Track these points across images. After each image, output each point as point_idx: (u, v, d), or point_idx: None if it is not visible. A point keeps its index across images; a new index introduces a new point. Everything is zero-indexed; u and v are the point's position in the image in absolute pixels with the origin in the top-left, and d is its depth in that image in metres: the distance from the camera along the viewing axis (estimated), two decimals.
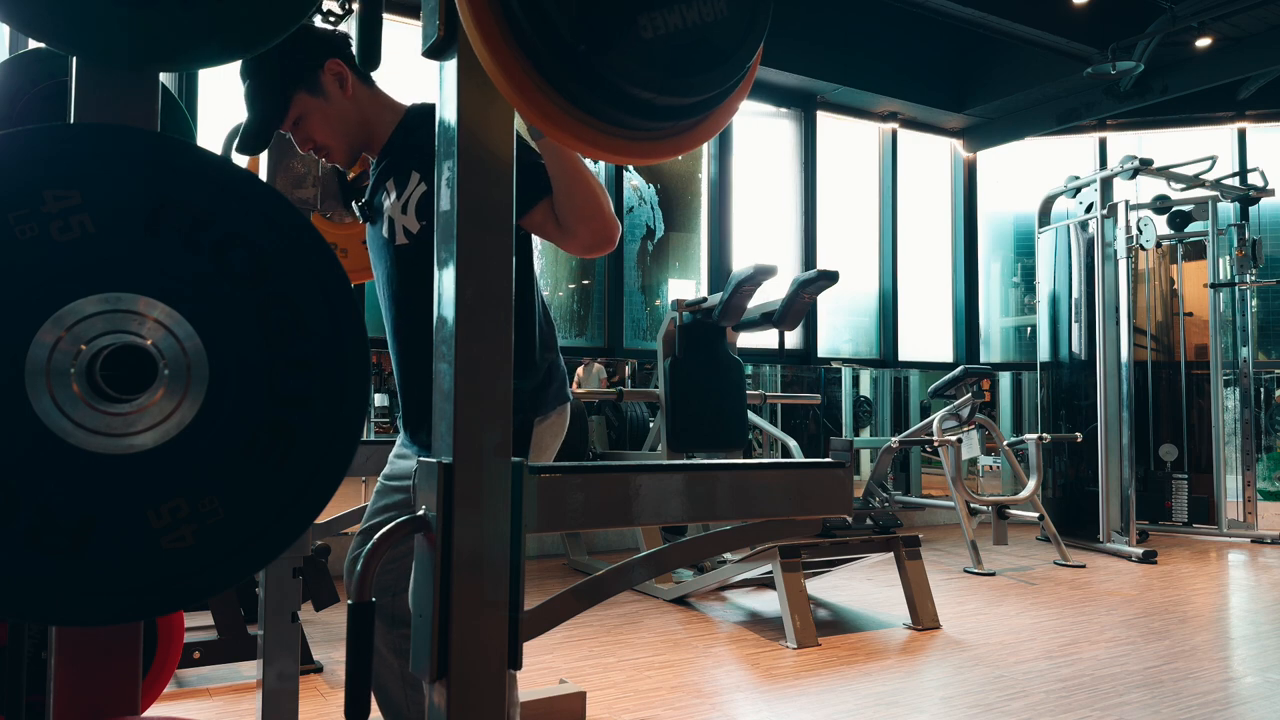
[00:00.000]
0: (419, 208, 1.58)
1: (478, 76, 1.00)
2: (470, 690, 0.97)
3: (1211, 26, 6.19)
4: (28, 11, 1.16)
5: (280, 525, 1.16)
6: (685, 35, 0.96)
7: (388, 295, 1.68)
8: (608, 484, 1.07)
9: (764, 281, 4.31)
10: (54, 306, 1.06)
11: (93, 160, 1.09)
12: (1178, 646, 3.46)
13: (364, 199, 1.72)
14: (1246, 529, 6.29)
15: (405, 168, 1.61)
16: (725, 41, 0.99)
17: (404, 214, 1.60)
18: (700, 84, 0.99)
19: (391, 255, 1.64)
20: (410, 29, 5.11)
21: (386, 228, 1.63)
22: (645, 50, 0.94)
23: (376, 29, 1.58)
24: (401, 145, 1.66)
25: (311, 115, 1.64)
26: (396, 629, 1.70)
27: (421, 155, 1.57)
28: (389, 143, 1.68)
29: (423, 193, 1.57)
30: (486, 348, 1.00)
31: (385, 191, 1.65)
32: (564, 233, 1.54)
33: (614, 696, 2.80)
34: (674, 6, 0.95)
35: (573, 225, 1.51)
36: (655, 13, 0.94)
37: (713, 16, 0.98)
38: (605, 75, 0.94)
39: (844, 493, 1.20)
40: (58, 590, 1.06)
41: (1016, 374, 7.71)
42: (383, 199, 1.65)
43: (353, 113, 1.67)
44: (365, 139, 1.70)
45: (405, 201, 1.59)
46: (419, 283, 1.59)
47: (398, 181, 1.62)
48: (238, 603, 2.88)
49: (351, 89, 1.67)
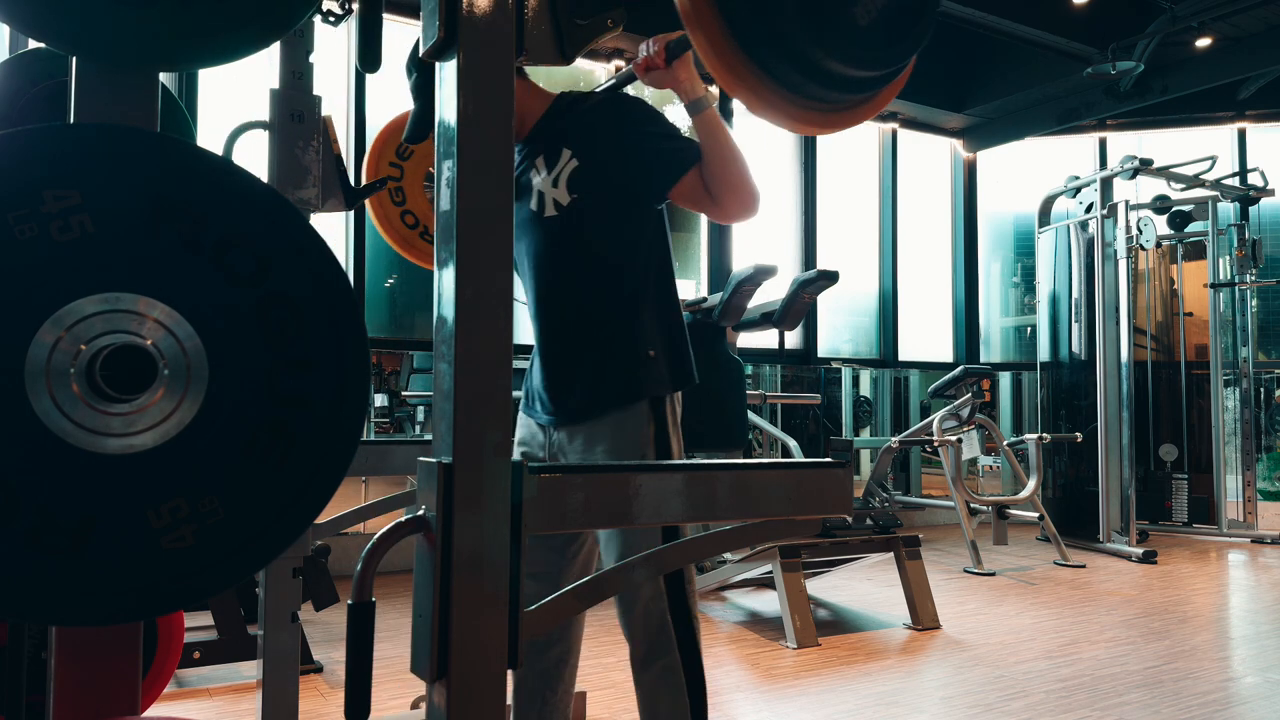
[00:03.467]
0: (570, 181, 1.69)
1: (478, 76, 1.00)
2: (470, 690, 0.97)
3: (1211, 26, 6.18)
4: (28, 11, 1.16)
5: (280, 525, 1.16)
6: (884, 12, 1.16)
7: (533, 267, 1.77)
8: (608, 484, 1.07)
9: (764, 281, 4.30)
10: (54, 306, 1.06)
11: (93, 160, 1.09)
12: (1178, 646, 3.46)
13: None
14: (1246, 529, 6.29)
15: (556, 145, 1.72)
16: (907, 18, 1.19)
17: (554, 188, 1.70)
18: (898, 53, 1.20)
19: (540, 228, 1.73)
20: (410, 29, 5.12)
21: (535, 202, 1.73)
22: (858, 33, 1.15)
23: (376, 29, 1.58)
24: (551, 126, 1.76)
25: None
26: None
27: (573, 133, 1.71)
28: (538, 125, 1.77)
29: (575, 167, 1.69)
30: (486, 347, 1.00)
31: (534, 169, 1.75)
32: (713, 201, 1.67)
33: (614, 696, 2.80)
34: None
35: (722, 194, 1.65)
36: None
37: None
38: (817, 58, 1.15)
39: (844, 493, 1.20)
40: (58, 590, 1.06)
41: (1016, 374, 7.71)
42: (531, 176, 1.75)
43: None
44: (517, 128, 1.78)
45: (556, 176, 1.70)
46: (567, 253, 1.72)
47: (548, 158, 1.72)
48: (238, 603, 2.88)
49: None
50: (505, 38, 1.03)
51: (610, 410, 1.70)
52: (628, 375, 1.70)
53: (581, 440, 1.73)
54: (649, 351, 1.71)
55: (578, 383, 1.73)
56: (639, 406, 1.69)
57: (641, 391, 1.69)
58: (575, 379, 1.73)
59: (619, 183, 1.70)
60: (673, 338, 1.76)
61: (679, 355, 1.77)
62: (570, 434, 1.74)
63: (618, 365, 1.71)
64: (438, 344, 1.02)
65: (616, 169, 1.70)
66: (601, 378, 1.71)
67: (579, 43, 1.18)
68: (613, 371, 1.71)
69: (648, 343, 1.72)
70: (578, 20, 1.18)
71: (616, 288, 1.72)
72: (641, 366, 1.70)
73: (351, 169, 4.52)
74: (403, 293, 5.41)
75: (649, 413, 1.70)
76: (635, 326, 1.72)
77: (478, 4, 1.01)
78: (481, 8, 1.01)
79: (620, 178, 1.70)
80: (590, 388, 1.72)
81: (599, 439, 1.70)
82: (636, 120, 1.71)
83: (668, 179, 1.69)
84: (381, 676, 2.91)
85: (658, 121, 1.72)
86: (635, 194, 1.72)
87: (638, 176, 1.70)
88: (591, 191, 1.69)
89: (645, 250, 1.75)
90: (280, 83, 1.71)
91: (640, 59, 1.63)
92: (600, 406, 1.70)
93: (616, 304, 1.72)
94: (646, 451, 1.68)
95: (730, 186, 1.64)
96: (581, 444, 1.73)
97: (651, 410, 1.70)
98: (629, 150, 1.69)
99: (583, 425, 1.72)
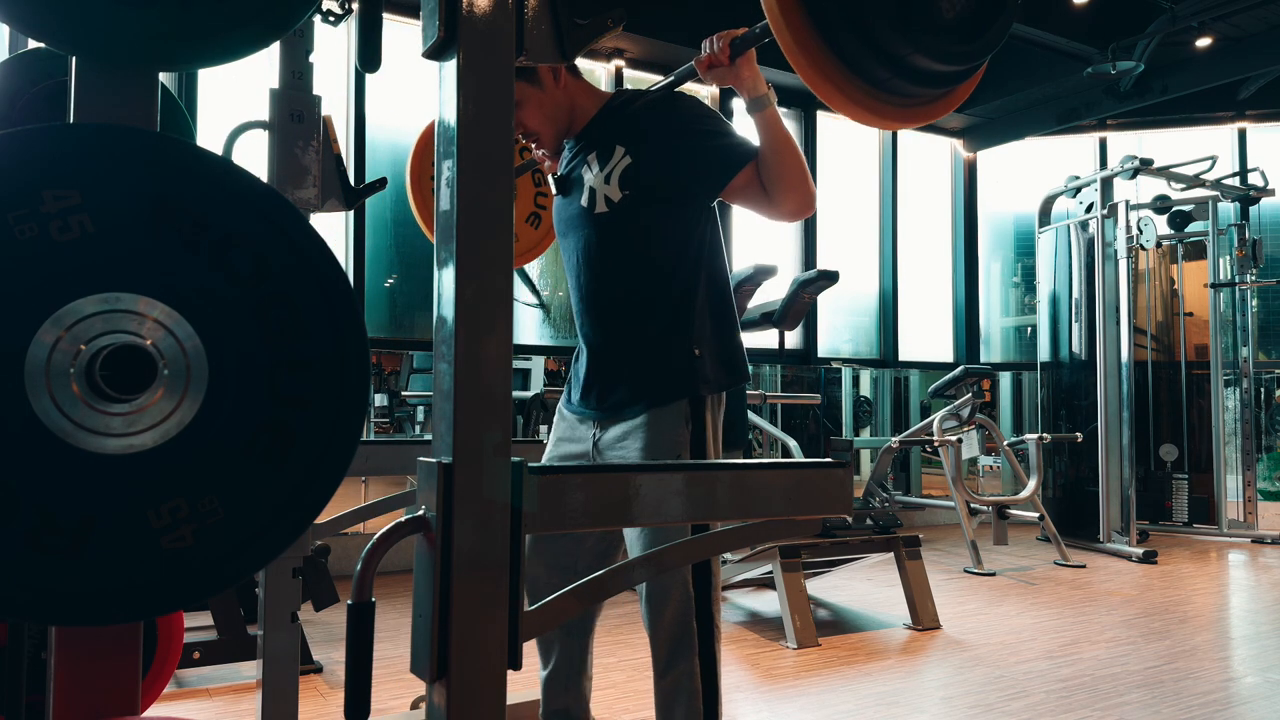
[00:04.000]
0: (622, 178, 1.70)
1: (478, 76, 1.00)
2: (470, 690, 0.97)
3: (1211, 26, 6.18)
4: (28, 11, 1.16)
5: (280, 525, 1.16)
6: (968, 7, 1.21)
7: (582, 262, 1.78)
8: (608, 484, 1.07)
9: (764, 281, 4.30)
10: (53, 306, 1.06)
11: (92, 160, 1.09)
12: (1178, 646, 3.45)
13: (559, 173, 1.87)
14: (1247, 529, 6.28)
15: (609, 143, 1.74)
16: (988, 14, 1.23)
17: (606, 184, 1.72)
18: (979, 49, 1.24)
19: (591, 224, 1.75)
20: (410, 29, 5.11)
21: (586, 197, 1.75)
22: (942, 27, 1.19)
23: (376, 29, 1.58)
24: (604, 124, 1.78)
25: (528, 103, 1.76)
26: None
27: (628, 131, 1.72)
28: (591, 123, 1.80)
29: (627, 164, 1.70)
30: (486, 347, 1.00)
31: (586, 165, 1.77)
32: (769, 198, 1.69)
33: (614, 697, 2.80)
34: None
35: (779, 192, 1.66)
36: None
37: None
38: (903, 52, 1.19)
39: (844, 493, 1.20)
40: (58, 590, 1.06)
41: (1017, 374, 7.71)
42: (582, 172, 1.77)
43: (564, 101, 1.79)
44: (569, 126, 1.82)
45: (609, 173, 1.71)
46: (616, 249, 1.73)
47: (600, 155, 1.74)
48: (238, 603, 2.88)
49: (564, 79, 1.79)
50: (505, 38, 1.03)
51: (649, 407, 1.69)
52: (669, 373, 1.70)
53: (619, 436, 1.73)
54: (695, 350, 1.71)
55: (621, 379, 1.73)
56: (678, 406, 1.69)
57: (682, 391, 1.69)
58: (619, 375, 1.74)
59: (672, 180, 1.70)
60: (722, 335, 1.76)
61: (729, 356, 1.77)
62: (610, 429, 1.75)
63: (660, 363, 1.71)
64: (438, 344, 1.02)
65: (670, 166, 1.70)
66: (643, 374, 1.71)
67: (579, 42, 1.19)
68: (655, 369, 1.71)
69: (694, 341, 1.71)
70: (578, 20, 1.18)
71: (665, 285, 1.72)
72: (685, 365, 1.70)
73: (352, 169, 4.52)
74: (403, 293, 5.41)
75: (688, 413, 1.69)
76: (682, 325, 1.72)
77: (478, 4, 1.01)
78: (481, 8, 1.01)
79: (673, 175, 1.70)
80: (631, 384, 1.72)
81: (635, 436, 1.70)
82: (691, 118, 1.71)
83: (722, 177, 1.70)
84: (381, 676, 2.91)
85: (713, 119, 1.72)
86: (688, 192, 1.73)
87: (691, 174, 1.70)
88: (643, 188, 1.69)
89: (695, 249, 1.75)
90: (280, 83, 1.71)
91: (704, 55, 1.63)
92: (640, 403, 1.70)
93: (664, 301, 1.72)
94: (682, 453, 1.68)
95: (789, 184, 1.65)
96: (618, 440, 1.73)
97: (691, 410, 1.69)
98: (682, 148, 1.70)
99: (622, 421, 1.73)
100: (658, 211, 1.71)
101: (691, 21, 5.34)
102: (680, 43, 5.59)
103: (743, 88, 1.65)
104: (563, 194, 1.83)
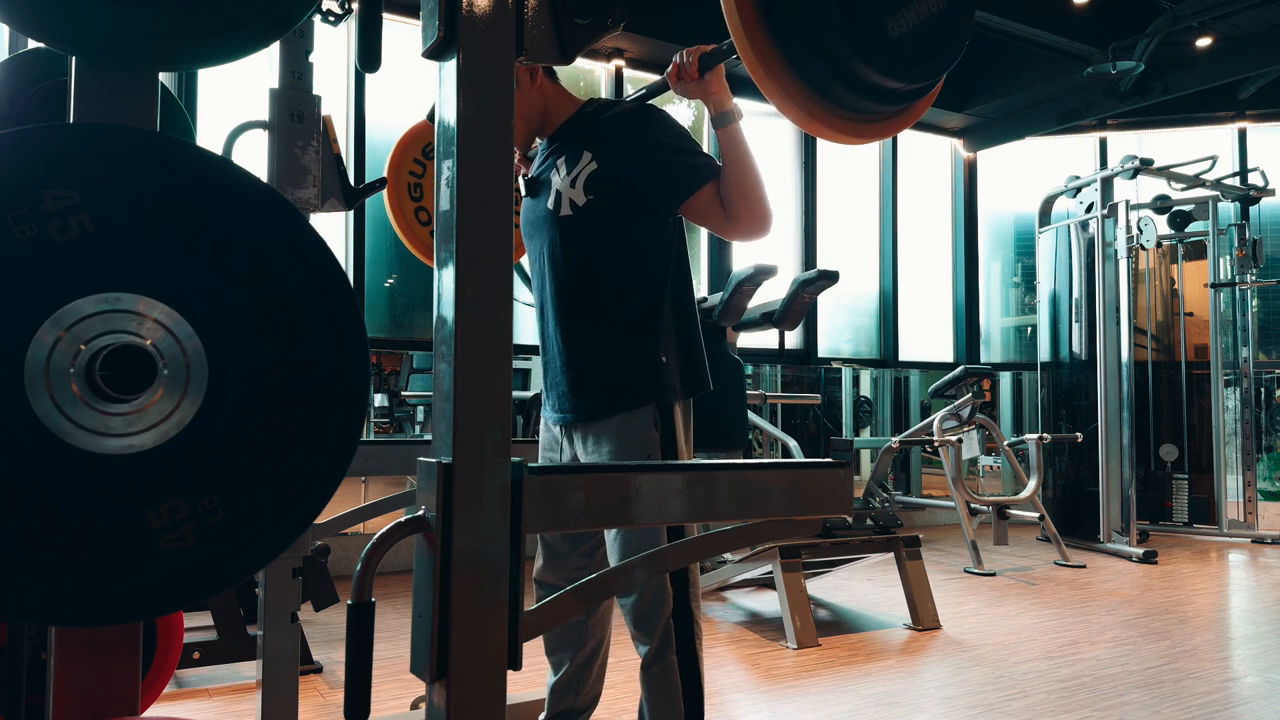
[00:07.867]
0: (587, 183, 1.71)
1: (477, 76, 1.00)
2: (470, 690, 0.97)
3: (1212, 26, 6.18)
4: (28, 11, 1.16)
5: (280, 525, 1.16)
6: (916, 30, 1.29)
7: (547, 264, 1.80)
8: (608, 484, 1.07)
9: (764, 281, 4.30)
10: (53, 306, 1.06)
11: (92, 160, 1.09)
12: (1178, 647, 3.45)
13: (527, 175, 1.89)
14: (1247, 529, 6.28)
15: (578, 147, 1.75)
16: (936, 40, 1.32)
17: (572, 188, 1.73)
18: (925, 71, 1.32)
19: (555, 226, 1.76)
20: (410, 29, 5.11)
21: (552, 200, 1.76)
22: (892, 46, 1.27)
23: (376, 29, 1.58)
24: (575, 128, 1.80)
25: None
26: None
27: (595, 137, 1.74)
28: (563, 127, 1.82)
29: (593, 170, 1.71)
30: (486, 347, 1.00)
31: (555, 168, 1.78)
32: (727, 217, 1.71)
33: (614, 697, 2.80)
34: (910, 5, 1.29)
35: (739, 210, 1.69)
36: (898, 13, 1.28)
37: (937, 8, 1.32)
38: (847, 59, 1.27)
39: (844, 493, 1.20)
40: (58, 590, 1.06)
41: (1017, 374, 7.70)
42: (551, 175, 1.79)
43: (537, 102, 1.81)
44: (541, 125, 1.84)
45: (575, 177, 1.73)
46: (580, 253, 1.74)
47: (569, 159, 1.76)
48: (238, 603, 2.88)
49: (540, 80, 1.81)
50: (505, 38, 1.03)
51: (617, 412, 1.71)
52: (636, 378, 1.71)
53: (589, 440, 1.75)
54: (661, 357, 1.73)
55: (588, 383, 1.75)
56: (645, 410, 1.71)
57: (649, 396, 1.70)
58: (586, 379, 1.75)
59: (633, 190, 1.72)
60: (686, 344, 1.78)
61: (692, 362, 1.78)
62: (581, 433, 1.77)
63: (627, 368, 1.72)
64: (438, 344, 1.02)
65: (632, 176, 1.71)
66: (610, 379, 1.73)
67: (579, 43, 1.19)
68: (622, 374, 1.72)
69: (660, 348, 1.73)
70: (578, 20, 1.18)
71: (628, 291, 1.74)
72: (651, 371, 1.72)
73: (351, 169, 4.52)
74: (403, 293, 5.41)
75: (655, 417, 1.71)
76: (647, 330, 1.73)
77: (478, 4, 1.01)
78: (481, 8, 1.01)
79: (635, 185, 1.71)
80: (599, 389, 1.73)
81: (605, 440, 1.72)
82: (659, 132, 1.72)
83: (683, 191, 1.71)
84: (381, 676, 2.91)
85: (680, 135, 1.74)
86: (648, 203, 1.74)
87: (652, 185, 1.72)
88: (606, 195, 1.71)
89: (660, 256, 1.76)
90: (280, 83, 1.71)
91: (673, 68, 1.66)
92: (608, 408, 1.72)
93: (628, 307, 1.74)
94: (653, 453, 1.70)
95: (747, 203, 1.68)
96: (589, 444, 1.75)
97: (659, 415, 1.71)
98: (647, 160, 1.71)
99: (591, 425, 1.74)
100: (621, 218, 1.73)
101: (691, 22, 5.34)
102: (680, 43, 5.59)
103: (710, 102, 1.67)
104: (531, 195, 1.86)
